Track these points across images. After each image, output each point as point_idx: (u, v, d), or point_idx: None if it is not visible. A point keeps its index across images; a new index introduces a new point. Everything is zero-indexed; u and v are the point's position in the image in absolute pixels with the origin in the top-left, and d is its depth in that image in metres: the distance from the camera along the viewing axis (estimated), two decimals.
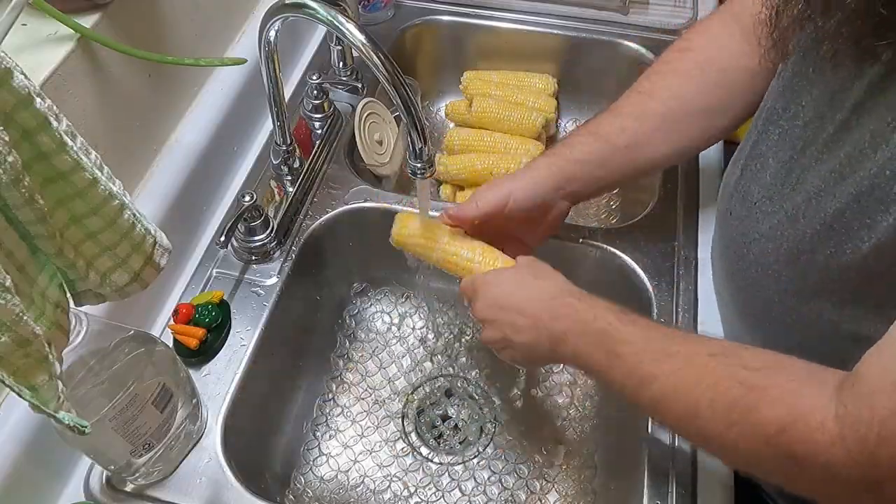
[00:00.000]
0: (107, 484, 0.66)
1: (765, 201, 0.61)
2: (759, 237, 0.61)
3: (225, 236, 0.74)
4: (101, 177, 0.47)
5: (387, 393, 0.90)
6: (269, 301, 0.79)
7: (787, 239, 0.58)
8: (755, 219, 0.62)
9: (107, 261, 0.50)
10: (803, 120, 0.57)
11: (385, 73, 0.59)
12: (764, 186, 0.61)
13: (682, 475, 0.67)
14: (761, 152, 0.62)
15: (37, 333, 0.42)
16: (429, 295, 0.97)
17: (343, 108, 0.97)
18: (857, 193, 0.50)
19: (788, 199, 0.58)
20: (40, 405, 0.43)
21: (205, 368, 0.74)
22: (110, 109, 0.70)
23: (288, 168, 0.87)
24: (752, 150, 0.64)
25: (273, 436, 0.83)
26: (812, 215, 0.55)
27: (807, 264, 0.57)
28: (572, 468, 0.83)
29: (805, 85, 0.57)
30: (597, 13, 1.09)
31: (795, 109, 0.58)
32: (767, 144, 0.61)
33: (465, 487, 0.83)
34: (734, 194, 0.66)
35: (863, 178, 0.50)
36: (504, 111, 1.05)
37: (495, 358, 0.92)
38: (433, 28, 1.12)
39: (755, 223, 0.62)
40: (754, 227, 0.62)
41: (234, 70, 0.84)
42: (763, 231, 0.61)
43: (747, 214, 0.63)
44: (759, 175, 0.62)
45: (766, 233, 0.60)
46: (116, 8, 0.67)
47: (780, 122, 0.60)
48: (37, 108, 0.41)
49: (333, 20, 0.61)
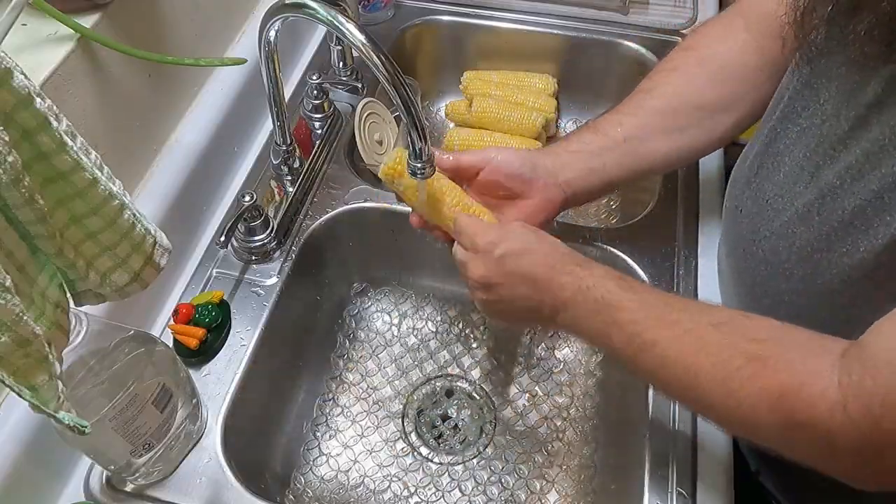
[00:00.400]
0: (107, 484, 0.66)
1: (777, 199, 0.60)
2: (769, 235, 0.61)
3: (225, 236, 0.74)
4: (101, 177, 0.47)
5: (387, 393, 0.90)
6: (269, 301, 0.79)
7: (800, 237, 0.58)
8: (767, 216, 0.61)
9: (107, 261, 0.50)
10: (821, 118, 0.57)
11: (385, 73, 0.59)
12: (777, 184, 0.61)
13: (682, 475, 0.67)
14: (778, 150, 0.62)
15: (37, 333, 0.42)
16: (429, 295, 0.97)
17: (343, 108, 0.97)
18: (879, 189, 0.50)
19: (801, 197, 0.58)
20: (40, 405, 0.43)
21: (205, 368, 0.74)
22: (110, 109, 0.70)
23: (288, 168, 0.87)
24: (768, 148, 0.63)
25: (273, 436, 0.83)
26: (828, 213, 0.55)
27: (820, 263, 0.56)
28: (572, 468, 0.83)
29: (824, 83, 0.57)
30: (597, 13, 1.09)
31: (814, 108, 0.58)
32: (785, 143, 0.61)
33: (465, 487, 0.83)
34: (745, 191, 0.65)
35: (885, 175, 0.50)
36: (504, 111, 1.05)
37: (495, 358, 0.93)
38: (433, 28, 1.12)
39: (767, 221, 0.61)
40: (765, 225, 0.62)
41: (234, 70, 0.84)
42: (774, 229, 0.60)
43: (758, 212, 0.63)
44: (773, 173, 0.62)
45: (778, 230, 0.60)
46: (116, 8, 0.67)
47: (800, 120, 0.59)
48: (37, 108, 0.41)
49: (333, 20, 0.61)
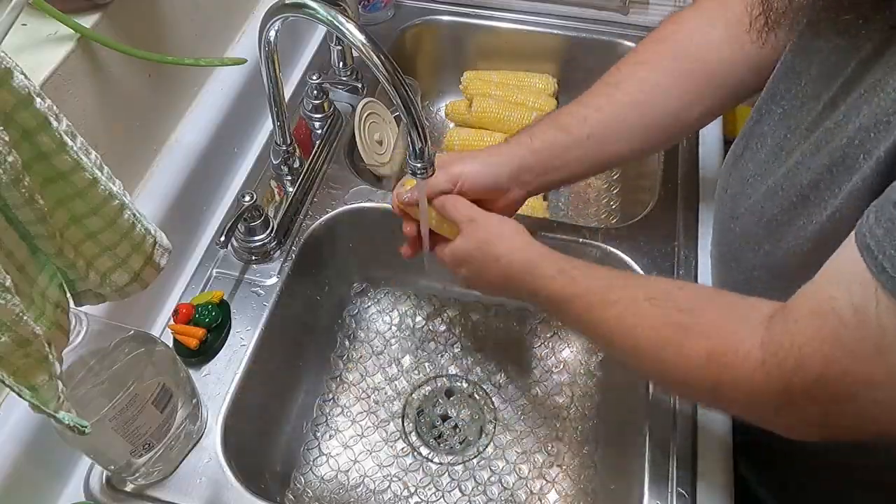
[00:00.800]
0: (107, 484, 0.66)
1: (756, 178, 0.61)
2: (744, 211, 0.62)
3: (225, 236, 0.74)
4: (101, 177, 0.47)
5: (387, 393, 0.90)
6: (269, 301, 0.79)
7: (767, 211, 0.59)
8: (746, 195, 0.62)
9: (107, 261, 0.50)
10: (800, 100, 0.58)
11: (385, 73, 0.59)
12: (758, 163, 0.62)
13: (682, 475, 0.67)
14: (763, 132, 0.62)
15: (37, 333, 0.42)
16: (429, 295, 0.97)
17: (343, 108, 0.97)
18: (830, 164, 0.51)
19: (772, 174, 0.59)
20: (40, 405, 0.43)
21: (205, 368, 0.74)
22: (110, 109, 0.70)
23: (288, 168, 0.87)
24: (753, 130, 0.64)
25: (273, 436, 0.83)
26: (789, 187, 0.56)
27: (783, 235, 0.57)
28: (572, 468, 0.83)
29: (806, 67, 0.58)
30: (597, 13, 1.09)
31: (796, 90, 0.59)
32: (769, 124, 0.62)
33: (465, 487, 0.83)
34: (732, 172, 0.66)
35: (835, 149, 0.51)
36: (504, 111, 1.05)
37: (495, 358, 0.93)
38: (433, 28, 1.12)
39: (744, 198, 0.63)
40: (742, 203, 0.63)
41: (234, 70, 0.84)
42: (748, 205, 0.62)
43: (740, 191, 0.64)
44: (756, 153, 0.63)
45: (750, 206, 0.61)
46: (116, 8, 0.67)
47: (783, 102, 0.60)
48: (37, 108, 0.41)
49: (333, 20, 0.61)
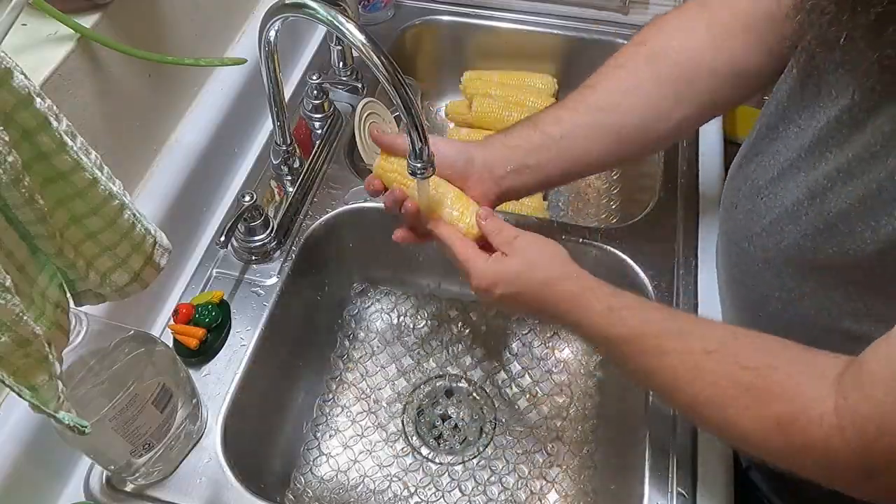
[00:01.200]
0: (107, 484, 0.66)
1: (770, 196, 0.61)
2: (760, 231, 0.61)
3: (225, 236, 0.74)
4: (101, 177, 0.47)
5: (387, 393, 0.90)
6: (269, 301, 0.79)
7: (788, 235, 0.58)
8: (759, 213, 0.62)
9: (107, 261, 0.50)
10: (819, 119, 0.56)
11: (385, 73, 0.59)
12: (771, 181, 0.61)
13: (682, 475, 0.67)
14: (776, 149, 0.61)
15: (37, 333, 0.42)
16: (429, 295, 0.97)
17: (343, 108, 0.97)
18: (864, 195, 0.50)
19: (791, 195, 0.58)
20: (40, 405, 0.43)
21: (205, 368, 0.74)
22: (110, 109, 0.70)
23: (288, 168, 0.87)
24: (765, 146, 0.63)
25: (273, 436, 0.83)
26: (815, 213, 0.55)
27: (807, 262, 0.56)
28: (572, 468, 0.83)
29: (826, 84, 0.56)
30: (597, 13, 1.09)
31: (814, 108, 0.57)
32: (784, 142, 0.61)
33: (465, 487, 0.83)
34: (742, 187, 0.65)
35: (870, 181, 0.50)
36: (504, 111, 1.05)
37: (495, 358, 0.93)
38: (433, 28, 1.12)
39: (759, 217, 0.62)
40: (758, 222, 0.62)
41: (234, 70, 0.84)
42: (764, 225, 0.61)
43: (752, 208, 0.63)
44: (767, 170, 0.62)
45: (768, 227, 0.60)
46: (116, 8, 0.67)
47: (799, 120, 0.59)
48: (37, 108, 0.41)
49: (333, 20, 0.61)
